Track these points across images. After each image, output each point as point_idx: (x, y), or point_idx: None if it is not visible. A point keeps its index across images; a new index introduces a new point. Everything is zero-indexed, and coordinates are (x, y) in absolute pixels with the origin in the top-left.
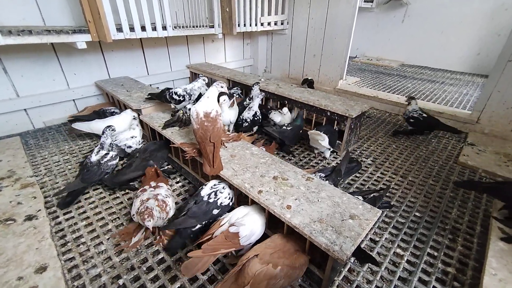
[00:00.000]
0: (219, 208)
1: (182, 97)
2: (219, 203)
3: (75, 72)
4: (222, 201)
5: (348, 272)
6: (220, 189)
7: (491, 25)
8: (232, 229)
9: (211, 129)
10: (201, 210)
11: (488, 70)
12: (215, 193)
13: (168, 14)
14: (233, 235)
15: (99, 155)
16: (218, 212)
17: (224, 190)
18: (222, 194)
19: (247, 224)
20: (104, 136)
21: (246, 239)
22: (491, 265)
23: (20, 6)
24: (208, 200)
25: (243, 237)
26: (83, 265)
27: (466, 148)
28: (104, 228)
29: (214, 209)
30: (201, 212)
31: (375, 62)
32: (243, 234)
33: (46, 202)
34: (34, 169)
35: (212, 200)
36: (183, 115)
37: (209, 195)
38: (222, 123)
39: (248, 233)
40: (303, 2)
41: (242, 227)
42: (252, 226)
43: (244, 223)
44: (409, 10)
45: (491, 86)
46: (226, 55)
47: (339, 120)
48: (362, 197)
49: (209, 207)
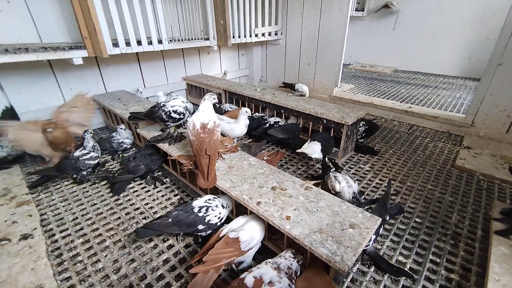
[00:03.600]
0: (205, 225)
1: (182, 115)
2: (206, 220)
3: (72, 88)
4: (210, 219)
5: (351, 282)
6: (213, 206)
7: (480, 30)
8: (232, 234)
9: (207, 141)
10: (188, 220)
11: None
12: (206, 209)
13: (164, 28)
14: (233, 240)
15: (81, 153)
16: (203, 228)
17: (217, 208)
18: (213, 212)
19: (246, 229)
20: (85, 140)
21: (246, 244)
22: (494, 270)
23: (17, 24)
24: (198, 213)
25: (243, 242)
26: (80, 284)
27: (463, 151)
28: (101, 245)
29: (200, 224)
30: (187, 222)
31: (368, 68)
32: (243, 239)
33: (42, 220)
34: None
35: (201, 215)
36: (174, 131)
37: (201, 208)
38: (219, 134)
39: (248, 238)
40: (296, 13)
41: (242, 231)
42: (252, 231)
43: (243, 229)
44: (399, 18)
45: (483, 89)
46: (222, 66)
47: (335, 128)
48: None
49: (196, 220)
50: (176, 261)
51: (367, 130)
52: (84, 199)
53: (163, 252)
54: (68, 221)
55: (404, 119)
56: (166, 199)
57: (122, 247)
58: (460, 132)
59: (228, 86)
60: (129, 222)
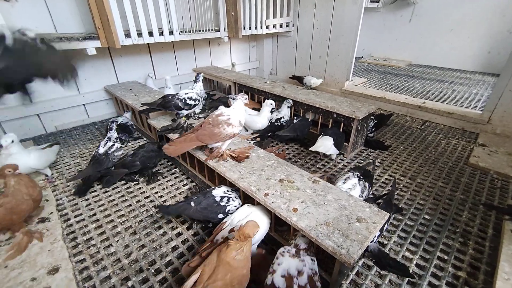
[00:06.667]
0: (224, 215)
1: (197, 101)
2: (227, 210)
3: (85, 78)
4: (230, 209)
5: (356, 275)
6: (232, 197)
7: (502, 22)
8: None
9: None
10: (212, 208)
11: (499, 69)
12: (227, 199)
13: (175, 19)
14: None
15: (106, 147)
16: (222, 218)
17: (236, 199)
18: (233, 202)
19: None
20: (112, 131)
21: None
22: (504, 269)
23: (34, 15)
24: (220, 202)
25: None
26: (93, 266)
27: (477, 149)
28: (113, 231)
29: (221, 213)
30: (210, 210)
31: (382, 62)
32: None
33: (58, 205)
34: None
35: (223, 204)
36: (185, 122)
37: (222, 198)
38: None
39: None
40: (308, 4)
41: None
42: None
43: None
44: (416, 9)
45: (502, 85)
46: (232, 58)
47: (346, 122)
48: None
49: (218, 209)
50: (184, 248)
51: (376, 124)
52: (96, 186)
53: (171, 239)
54: (82, 207)
55: (417, 114)
56: (175, 189)
57: (133, 233)
58: (475, 129)
59: (237, 78)
60: (139, 209)
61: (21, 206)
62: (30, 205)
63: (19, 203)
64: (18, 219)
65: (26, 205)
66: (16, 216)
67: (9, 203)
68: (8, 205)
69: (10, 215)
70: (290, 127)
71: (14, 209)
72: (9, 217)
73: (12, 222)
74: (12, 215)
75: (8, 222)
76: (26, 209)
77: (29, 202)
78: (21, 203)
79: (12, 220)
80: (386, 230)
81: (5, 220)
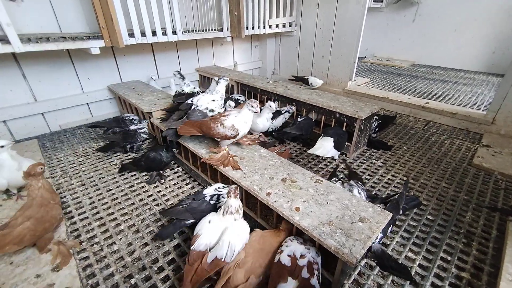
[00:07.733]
0: None
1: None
2: (218, 207)
3: (89, 77)
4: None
5: (358, 275)
6: (223, 194)
7: (508, 22)
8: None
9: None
10: (200, 208)
11: (504, 69)
12: (217, 197)
13: (178, 18)
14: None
15: (137, 127)
16: None
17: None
18: (224, 199)
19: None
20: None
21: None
22: (508, 270)
23: (39, 15)
24: (210, 201)
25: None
26: (96, 264)
27: (481, 149)
28: (117, 229)
29: (212, 211)
30: (199, 209)
31: (385, 62)
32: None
33: (62, 203)
34: (50, 170)
35: (213, 203)
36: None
37: (212, 196)
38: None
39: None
40: (311, 3)
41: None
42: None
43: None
44: (420, 9)
45: (507, 85)
46: (235, 58)
47: (348, 122)
48: (384, 204)
49: (208, 208)
50: (186, 247)
51: (380, 124)
52: (100, 184)
53: (174, 237)
54: (85, 205)
55: (421, 115)
56: (178, 188)
57: (136, 231)
58: (479, 129)
59: (240, 78)
60: (142, 208)
61: (51, 212)
62: (59, 210)
63: (48, 209)
64: (51, 227)
65: (55, 210)
66: (48, 224)
67: (38, 212)
68: (38, 215)
69: (42, 224)
70: (296, 125)
71: (45, 217)
72: (42, 227)
73: (46, 230)
74: (45, 223)
75: (42, 232)
76: (56, 214)
77: (57, 206)
78: (50, 209)
79: (45, 230)
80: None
81: (38, 232)
